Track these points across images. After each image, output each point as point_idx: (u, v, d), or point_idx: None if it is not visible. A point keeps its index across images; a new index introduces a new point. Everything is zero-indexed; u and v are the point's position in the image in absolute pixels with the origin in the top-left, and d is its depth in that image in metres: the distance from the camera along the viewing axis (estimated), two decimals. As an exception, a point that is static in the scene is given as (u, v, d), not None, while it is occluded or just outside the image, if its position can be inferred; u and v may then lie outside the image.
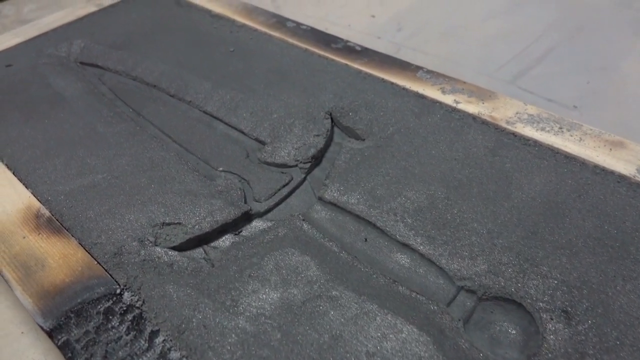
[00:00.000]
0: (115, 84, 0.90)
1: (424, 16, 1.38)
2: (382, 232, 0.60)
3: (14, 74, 0.91)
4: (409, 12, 1.40)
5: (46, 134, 0.77)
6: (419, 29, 1.32)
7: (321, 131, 0.74)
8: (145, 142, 0.75)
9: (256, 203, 0.66)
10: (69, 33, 1.02)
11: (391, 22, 1.36)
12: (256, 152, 0.74)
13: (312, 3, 1.48)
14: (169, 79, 0.88)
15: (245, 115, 0.79)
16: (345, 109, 0.78)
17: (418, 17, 1.37)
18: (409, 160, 0.68)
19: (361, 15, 1.41)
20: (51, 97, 0.85)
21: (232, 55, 0.93)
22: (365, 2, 1.47)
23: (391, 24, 1.36)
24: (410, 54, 1.23)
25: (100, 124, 0.79)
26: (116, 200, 0.65)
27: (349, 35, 1.27)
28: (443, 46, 1.25)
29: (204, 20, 1.03)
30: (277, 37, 0.96)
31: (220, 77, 0.87)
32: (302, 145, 0.72)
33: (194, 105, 0.83)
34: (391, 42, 1.28)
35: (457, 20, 1.35)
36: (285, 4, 1.49)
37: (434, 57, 1.21)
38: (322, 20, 1.39)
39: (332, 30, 1.33)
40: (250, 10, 1.05)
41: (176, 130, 0.79)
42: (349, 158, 0.70)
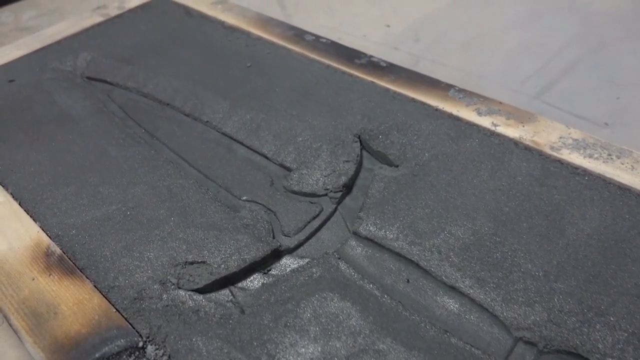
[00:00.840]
0: (125, 101, 0.85)
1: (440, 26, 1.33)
2: (426, 272, 0.55)
3: (17, 91, 0.86)
4: (424, 21, 1.36)
5: (54, 158, 0.72)
6: (436, 39, 1.28)
7: (351, 156, 0.69)
8: (162, 168, 0.70)
9: (285, 237, 0.61)
10: (74, 45, 0.97)
11: (407, 32, 1.32)
12: (281, 179, 0.69)
13: (325, 12, 1.43)
14: (184, 96, 0.83)
15: (268, 137, 0.74)
16: (375, 131, 0.73)
17: (435, 27, 1.33)
18: (450, 191, 0.63)
19: (376, 25, 1.36)
20: (57, 116, 0.80)
21: (249, 70, 0.87)
22: (379, 11, 1.42)
23: (407, 34, 1.31)
24: (430, 66, 1.18)
25: (111, 147, 0.73)
26: (133, 235, 0.60)
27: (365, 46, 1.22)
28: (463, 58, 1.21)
29: (217, 33, 0.98)
30: (296, 51, 0.91)
31: (238, 95, 0.82)
32: (331, 173, 0.67)
33: (211, 125, 0.78)
34: (409, 54, 1.23)
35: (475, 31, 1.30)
36: (296, 13, 1.44)
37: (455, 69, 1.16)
38: (336, 30, 1.34)
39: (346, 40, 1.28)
40: (266, 22, 1.00)
41: (193, 154, 0.73)
42: (383, 187, 0.65)
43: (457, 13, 1.38)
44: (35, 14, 1.53)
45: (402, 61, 1.16)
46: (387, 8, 1.43)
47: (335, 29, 1.35)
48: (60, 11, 1.54)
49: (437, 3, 1.43)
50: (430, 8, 1.41)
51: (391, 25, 1.35)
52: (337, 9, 1.44)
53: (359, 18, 1.39)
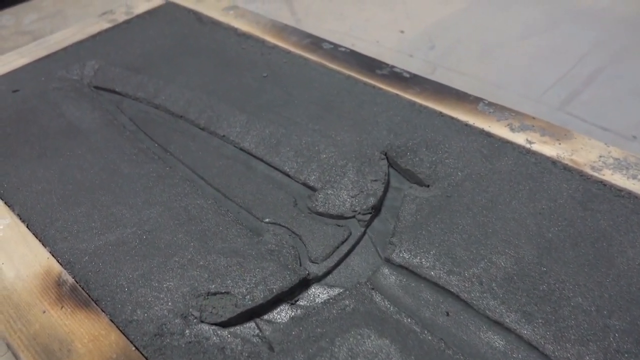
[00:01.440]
0: (135, 113, 0.81)
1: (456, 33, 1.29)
2: (467, 305, 0.52)
3: (22, 101, 0.82)
4: (439, 27, 1.32)
5: (63, 175, 0.68)
6: (452, 46, 1.24)
7: (379, 175, 0.65)
8: (178, 187, 0.66)
9: (312, 264, 0.57)
10: (81, 53, 0.93)
11: (422, 38, 1.28)
12: (305, 200, 0.65)
13: (335, 17, 1.39)
14: (198, 108, 0.79)
15: (289, 154, 0.70)
16: (403, 148, 0.69)
17: (450, 34, 1.29)
18: (487, 214, 0.59)
19: (389, 30, 1.32)
20: (65, 129, 0.76)
21: (265, 81, 0.84)
22: (392, 16, 1.38)
23: (422, 40, 1.27)
24: (447, 74, 1.14)
25: (123, 164, 0.69)
26: (151, 262, 0.56)
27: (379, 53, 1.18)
28: (480, 66, 1.17)
29: (230, 40, 0.94)
30: (314, 60, 0.87)
31: (255, 107, 0.78)
32: (359, 193, 0.63)
33: (227, 140, 0.74)
34: (425, 61, 1.19)
35: (492, 38, 1.27)
36: (306, 18, 1.40)
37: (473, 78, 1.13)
38: (347, 36, 1.30)
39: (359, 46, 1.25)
40: (280, 29, 0.96)
41: (210, 171, 0.69)
42: (414, 209, 0.61)
43: (472, 19, 1.35)
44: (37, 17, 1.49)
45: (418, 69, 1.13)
46: (399, 13, 1.39)
47: (346, 34, 1.31)
48: (62, 14, 1.49)
49: (451, 8, 1.39)
50: (443, 13, 1.37)
51: (405, 31, 1.31)
52: (347, 14, 1.40)
53: (370, 23, 1.35)
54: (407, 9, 1.40)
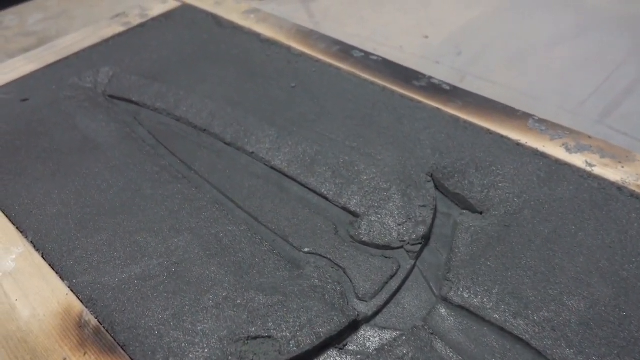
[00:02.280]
0: (154, 125, 0.75)
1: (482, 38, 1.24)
2: (540, 354, 0.46)
3: (31, 112, 0.76)
4: (464, 33, 1.27)
5: (80, 196, 0.62)
6: (479, 53, 1.18)
7: (427, 200, 0.60)
8: (206, 210, 0.60)
9: (360, 302, 0.52)
10: (94, 58, 0.87)
11: (447, 44, 1.23)
12: (347, 227, 0.59)
13: (355, 21, 1.34)
14: (223, 121, 0.73)
15: (326, 174, 0.64)
16: (450, 169, 0.63)
17: (476, 40, 1.23)
18: (552, 248, 0.54)
19: (412, 35, 1.27)
20: (80, 144, 0.70)
21: (294, 92, 0.78)
22: (414, 20, 1.33)
23: (448, 46, 1.22)
24: (477, 83, 1.09)
25: (145, 183, 0.63)
26: (182, 300, 0.50)
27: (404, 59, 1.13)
28: (511, 74, 1.12)
29: (253, 47, 0.88)
30: (345, 70, 0.81)
31: (285, 121, 0.72)
32: (406, 220, 0.58)
33: (257, 158, 0.68)
34: (453, 69, 1.14)
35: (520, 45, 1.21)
36: (324, 21, 1.34)
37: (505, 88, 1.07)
38: (369, 41, 1.24)
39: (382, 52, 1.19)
40: (306, 35, 0.90)
41: (240, 192, 0.64)
42: (469, 240, 0.56)
43: (498, 24, 1.29)
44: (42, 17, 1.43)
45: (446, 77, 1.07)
46: (421, 17, 1.33)
47: (368, 39, 1.25)
48: (68, 15, 1.43)
49: (475, 12, 1.34)
50: (468, 18, 1.32)
51: (429, 36, 1.25)
52: (368, 18, 1.34)
53: (392, 28, 1.30)
54: (430, 14, 1.34)
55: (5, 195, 0.62)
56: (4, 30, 1.38)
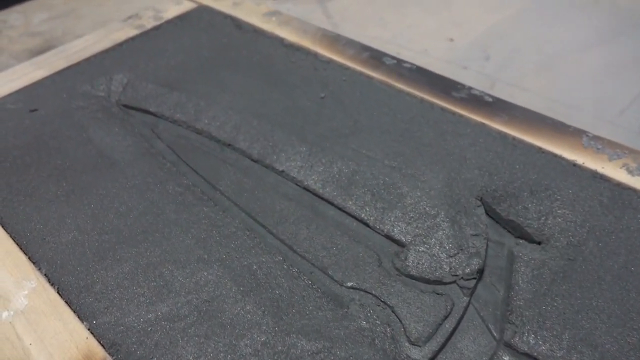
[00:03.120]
0: (174, 139, 0.70)
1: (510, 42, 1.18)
2: (622, 412, 0.41)
3: (41, 124, 0.70)
4: (491, 36, 1.21)
5: (97, 220, 0.56)
6: (509, 58, 1.13)
7: (479, 228, 0.54)
8: (236, 238, 0.54)
9: (412, 346, 0.47)
10: (107, 64, 0.81)
11: (474, 47, 1.17)
12: (392, 257, 0.54)
13: (375, 22, 1.28)
14: (248, 136, 0.67)
15: (365, 197, 0.59)
16: (501, 192, 0.58)
17: (504, 43, 1.18)
18: (625, 286, 0.48)
19: (436, 38, 1.21)
20: (95, 160, 0.64)
21: (324, 103, 0.72)
22: (438, 22, 1.27)
23: (475, 50, 1.16)
24: (508, 90, 1.03)
25: (168, 206, 0.58)
26: (215, 345, 0.45)
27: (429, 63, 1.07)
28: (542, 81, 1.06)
29: (277, 52, 0.83)
30: (377, 79, 0.76)
31: (317, 137, 0.67)
32: (458, 251, 0.52)
33: (287, 177, 0.63)
34: (481, 74, 1.08)
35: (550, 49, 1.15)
36: (343, 22, 1.28)
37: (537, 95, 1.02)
38: (390, 44, 1.19)
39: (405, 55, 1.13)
40: (333, 40, 0.84)
41: (271, 216, 0.58)
42: (530, 275, 0.50)
43: (526, 27, 1.23)
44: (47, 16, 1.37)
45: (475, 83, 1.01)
46: (445, 19, 1.27)
47: (390, 42, 1.19)
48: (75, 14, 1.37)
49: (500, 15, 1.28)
50: (494, 20, 1.26)
51: (454, 39, 1.20)
52: (389, 19, 1.29)
53: (415, 30, 1.24)
54: (454, 15, 1.28)
55: (15, 219, 0.57)
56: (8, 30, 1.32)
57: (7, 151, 0.66)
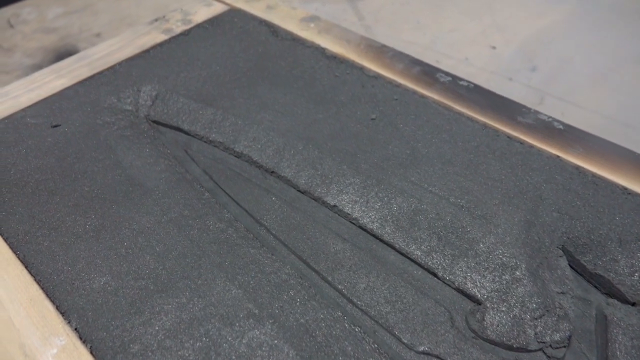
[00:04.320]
0: (210, 163, 0.63)
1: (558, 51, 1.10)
2: None
3: (65, 142, 0.64)
4: (536, 44, 1.13)
5: (131, 263, 0.50)
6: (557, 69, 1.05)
7: (565, 285, 0.48)
8: (289, 288, 0.48)
9: None
10: (133, 74, 0.74)
11: (519, 56, 1.09)
12: (466, 316, 0.47)
13: (411, 25, 1.20)
14: (294, 162, 0.61)
15: (431, 242, 0.52)
16: (585, 240, 0.51)
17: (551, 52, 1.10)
18: None
19: (478, 45, 1.13)
20: (126, 188, 0.58)
21: (376, 126, 0.65)
22: (479, 27, 1.19)
23: (520, 59, 1.08)
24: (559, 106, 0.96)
25: (210, 247, 0.52)
26: None
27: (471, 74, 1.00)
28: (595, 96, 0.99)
29: (319, 65, 0.76)
30: (432, 98, 0.69)
31: (371, 166, 0.60)
32: (544, 313, 0.46)
33: (340, 213, 0.56)
34: (528, 87, 1.01)
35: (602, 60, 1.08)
36: (376, 24, 1.21)
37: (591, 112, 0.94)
38: (429, 50, 1.11)
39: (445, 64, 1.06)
40: (379, 52, 0.77)
41: (325, 261, 0.52)
42: (630, 345, 0.44)
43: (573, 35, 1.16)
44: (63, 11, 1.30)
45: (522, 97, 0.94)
46: (487, 24, 1.20)
47: (428, 48, 1.12)
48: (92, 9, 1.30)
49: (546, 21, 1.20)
50: (540, 25, 1.18)
51: (497, 47, 1.12)
52: (425, 23, 1.21)
53: (455, 35, 1.16)
54: (496, 20, 1.21)
55: (40, 259, 0.50)
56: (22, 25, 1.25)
57: (28, 174, 0.59)
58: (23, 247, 0.51)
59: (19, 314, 0.46)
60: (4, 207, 0.55)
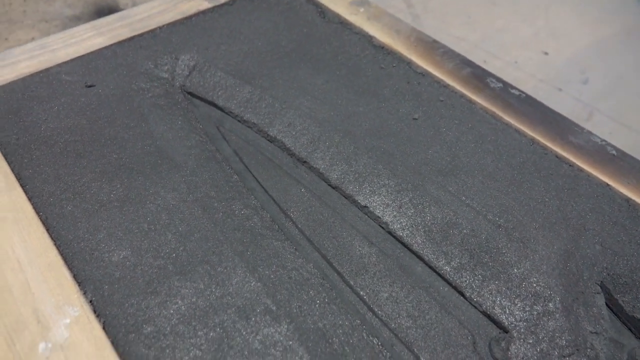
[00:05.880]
0: (242, 144, 0.61)
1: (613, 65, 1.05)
2: None
3: (98, 104, 0.62)
4: (593, 53, 1.07)
5: (152, 240, 0.49)
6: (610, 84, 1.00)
7: (600, 325, 0.45)
8: (310, 288, 0.47)
9: None
10: (173, 40, 0.72)
11: (572, 66, 1.04)
12: (490, 342, 0.45)
13: (461, 20, 1.15)
14: (328, 154, 0.59)
15: (462, 258, 0.50)
16: (626, 279, 0.48)
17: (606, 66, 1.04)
18: None
19: (529, 48, 1.08)
20: (154, 160, 0.57)
21: (417, 127, 0.63)
22: (532, 30, 1.13)
23: (572, 69, 1.03)
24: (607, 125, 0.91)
25: (233, 234, 0.50)
26: None
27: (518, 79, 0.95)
28: (650, 119, 0.93)
29: (365, 54, 0.72)
30: (480, 105, 0.65)
31: (407, 169, 0.57)
32: (574, 352, 0.43)
33: (370, 214, 0.54)
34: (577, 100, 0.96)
35: (661, 80, 1.01)
36: (425, 14, 1.16)
37: (643, 136, 0.89)
38: (477, 49, 1.06)
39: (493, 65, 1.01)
40: (430, 48, 0.73)
41: (349, 264, 0.50)
42: (663, 400, 0.41)
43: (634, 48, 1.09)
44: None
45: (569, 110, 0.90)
46: (541, 26, 1.14)
47: (477, 46, 1.07)
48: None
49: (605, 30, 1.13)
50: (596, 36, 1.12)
51: (549, 53, 1.07)
52: (477, 19, 1.15)
53: (506, 36, 1.11)
54: (551, 24, 1.14)
55: (62, 223, 0.50)
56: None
57: (58, 133, 0.58)
58: (46, 209, 0.50)
59: (36, 278, 0.45)
60: (31, 164, 0.55)
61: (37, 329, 0.42)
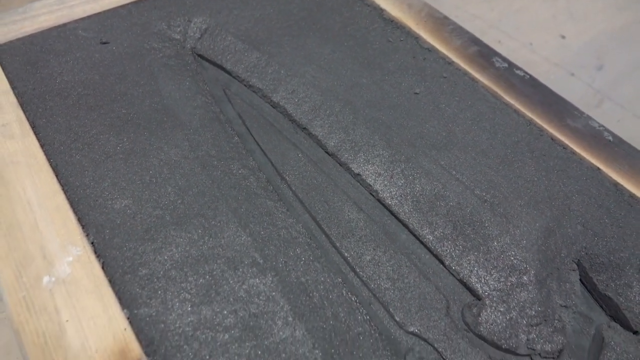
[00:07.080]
0: (245, 108, 0.63)
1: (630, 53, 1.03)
2: None
3: (111, 61, 0.65)
4: (609, 40, 1.05)
5: (153, 191, 0.52)
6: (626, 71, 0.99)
7: (570, 299, 0.47)
8: (297, 246, 0.49)
9: (469, 422, 0.42)
10: (187, 2, 0.74)
11: (587, 51, 1.03)
12: (463, 308, 0.48)
13: (481, -3, 1.13)
14: (327, 123, 0.61)
15: (446, 229, 0.52)
16: (603, 260, 0.50)
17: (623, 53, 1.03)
18: None
19: (546, 31, 1.07)
20: (161, 117, 0.59)
21: (417, 101, 0.64)
22: (551, 12, 1.11)
23: (588, 54, 1.02)
24: (617, 114, 0.91)
25: (229, 192, 0.53)
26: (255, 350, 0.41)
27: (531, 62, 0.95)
28: (660, 109, 0.92)
29: (374, 26, 0.73)
30: (483, 83, 0.66)
31: (403, 141, 0.59)
32: (541, 322, 0.46)
33: (362, 182, 0.56)
34: (589, 87, 0.95)
35: (678, 70, 1.00)
36: (444, -10, 1.15)
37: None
38: (493, 28, 1.06)
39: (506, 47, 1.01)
40: (440, 24, 0.74)
41: (337, 226, 0.53)
42: (621, 372, 0.44)
43: (654, 37, 1.07)
44: None
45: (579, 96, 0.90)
46: (560, 9, 1.12)
47: (493, 26, 1.06)
48: None
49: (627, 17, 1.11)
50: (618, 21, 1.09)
51: (566, 37, 1.05)
52: None
53: (524, 16, 1.09)
54: (571, 6, 1.12)
55: (70, 170, 0.53)
56: None
57: (72, 86, 0.61)
58: (57, 157, 0.54)
59: (44, 218, 0.48)
60: (45, 114, 0.58)
61: (43, 264, 0.46)
